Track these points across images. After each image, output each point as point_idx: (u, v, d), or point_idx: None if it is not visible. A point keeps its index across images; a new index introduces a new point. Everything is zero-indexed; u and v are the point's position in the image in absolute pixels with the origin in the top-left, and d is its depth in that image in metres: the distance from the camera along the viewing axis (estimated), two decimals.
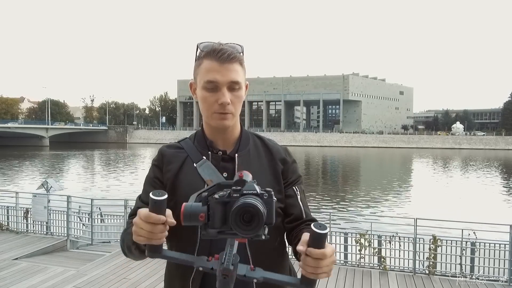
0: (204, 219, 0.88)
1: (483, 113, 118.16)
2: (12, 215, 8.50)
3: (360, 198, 18.98)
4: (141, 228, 0.93)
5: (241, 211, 0.83)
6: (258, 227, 0.83)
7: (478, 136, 78.74)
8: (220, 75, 1.17)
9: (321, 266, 0.90)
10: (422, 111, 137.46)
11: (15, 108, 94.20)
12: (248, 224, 0.83)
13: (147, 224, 0.91)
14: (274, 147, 1.35)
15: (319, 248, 0.88)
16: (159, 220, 0.91)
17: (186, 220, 0.90)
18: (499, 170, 34.92)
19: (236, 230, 0.83)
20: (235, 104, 1.22)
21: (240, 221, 0.83)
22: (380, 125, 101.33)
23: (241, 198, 0.85)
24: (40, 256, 6.87)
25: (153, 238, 0.93)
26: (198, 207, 0.89)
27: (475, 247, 5.96)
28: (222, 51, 1.17)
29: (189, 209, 0.90)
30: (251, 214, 0.83)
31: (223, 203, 0.87)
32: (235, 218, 0.83)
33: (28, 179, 24.49)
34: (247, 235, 0.84)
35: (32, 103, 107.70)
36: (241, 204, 0.83)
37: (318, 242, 0.88)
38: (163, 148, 1.34)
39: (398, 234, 6.28)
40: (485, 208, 15.64)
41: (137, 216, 0.94)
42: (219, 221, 0.87)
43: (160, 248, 0.95)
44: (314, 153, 55.79)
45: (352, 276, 5.76)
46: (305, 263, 0.92)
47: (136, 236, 0.95)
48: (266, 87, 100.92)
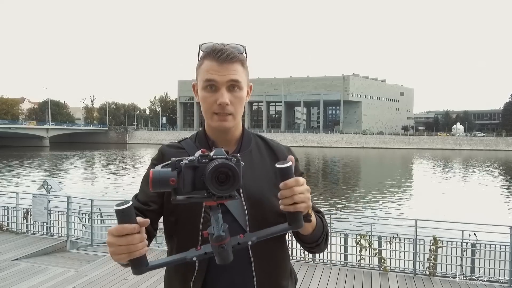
0: (175, 183, 0.87)
1: (484, 114, 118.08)
2: (12, 216, 8.49)
3: (360, 199, 18.97)
4: (118, 246, 0.89)
5: (217, 171, 0.84)
6: (233, 186, 0.85)
7: (478, 137, 78.69)
8: (218, 75, 1.16)
9: (296, 192, 0.95)
10: (422, 112, 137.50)
11: (15, 109, 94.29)
12: (223, 184, 0.85)
13: (122, 238, 0.88)
14: (277, 147, 1.34)
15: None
16: (133, 229, 0.88)
17: (155, 186, 0.87)
18: (499, 171, 34.89)
19: (211, 189, 0.84)
20: (235, 104, 1.20)
21: (216, 181, 0.84)
22: (380, 126, 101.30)
23: (210, 162, 0.87)
24: (40, 257, 6.86)
25: (134, 250, 0.89)
26: (168, 172, 0.87)
27: (475, 248, 5.95)
28: (222, 51, 1.16)
29: (157, 174, 0.87)
30: (225, 174, 0.84)
31: (193, 167, 0.87)
32: (211, 177, 0.84)
33: (28, 179, 24.49)
34: (222, 193, 0.85)
35: (33, 104, 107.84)
36: (217, 164, 0.85)
37: (286, 176, 0.94)
38: (163, 147, 1.33)
39: (398, 235, 6.27)
40: (485, 209, 15.62)
41: (108, 236, 0.90)
42: (189, 186, 0.87)
43: (144, 261, 0.91)
44: (314, 154, 55.75)
45: (353, 277, 5.75)
46: (282, 196, 0.97)
47: (116, 256, 0.90)
48: (266, 87, 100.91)
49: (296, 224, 0.98)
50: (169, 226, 1.24)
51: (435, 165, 41.66)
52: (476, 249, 5.94)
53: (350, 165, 41.73)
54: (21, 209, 8.39)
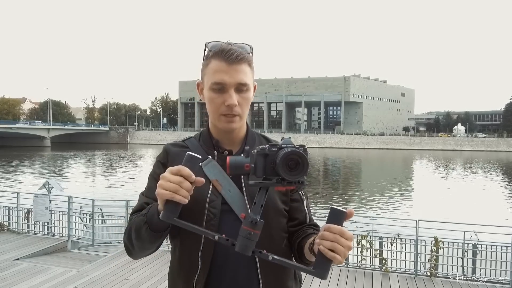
0: (249, 168, 0.95)
1: (485, 115, 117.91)
2: (13, 216, 8.50)
3: (361, 200, 18.96)
4: (168, 181, 0.94)
5: (288, 158, 0.90)
6: (303, 172, 0.90)
7: (479, 138, 78.52)
8: (228, 76, 1.15)
9: (340, 242, 0.92)
10: (423, 112, 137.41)
11: (16, 109, 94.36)
12: (294, 169, 0.90)
13: (176, 176, 0.93)
14: None
15: (338, 225, 0.94)
16: (190, 175, 0.94)
17: (232, 169, 0.96)
18: (500, 172, 34.84)
19: (283, 175, 0.90)
20: (243, 106, 1.20)
21: (287, 167, 0.90)
22: (381, 126, 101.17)
23: (280, 150, 0.93)
24: (41, 257, 6.87)
25: (179, 194, 0.94)
26: (243, 158, 0.97)
27: (476, 249, 5.94)
28: (231, 52, 1.15)
29: (234, 160, 0.97)
30: (295, 161, 0.90)
31: (264, 155, 0.94)
32: (282, 164, 0.90)
33: (29, 179, 24.52)
34: (293, 179, 0.90)
35: (34, 104, 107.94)
36: (288, 151, 0.91)
37: (337, 220, 0.94)
38: (168, 145, 1.33)
39: (399, 235, 6.26)
40: (487, 210, 15.62)
41: (166, 171, 0.95)
42: (261, 171, 0.94)
43: (177, 210, 0.97)
44: (315, 155, 55.73)
45: (354, 278, 5.75)
46: (323, 238, 0.93)
47: (161, 190, 0.95)
48: (267, 88, 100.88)
49: (322, 273, 0.94)
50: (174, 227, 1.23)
51: (436, 166, 41.60)
52: (478, 249, 5.93)
53: (351, 165, 41.70)
54: (22, 209, 8.41)
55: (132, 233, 1.13)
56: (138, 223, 1.10)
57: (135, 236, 1.12)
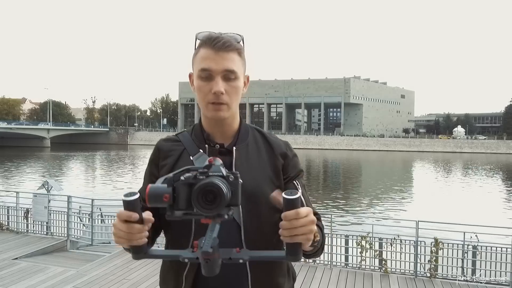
0: (168, 199, 0.87)
1: (485, 117, 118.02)
2: (12, 215, 8.48)
3: (361, 201, 18.96)
4: (119, 230, 0.93)
5: (202, 190, 0.83)
6: (219, 206, 0.83)
7: (479, 140, 78.53)
8: (214, 63, 1.14)
9: (296, 226, 0.89)
10: (423, 114, 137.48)
11: (16, 109, 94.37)
12: (211, 204, 0.83)
13: (123, 224, 0.91)
14: (275, 142, 1.31)
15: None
16: (130, 216, 0.90)
17: (150, 201, 0.88)
18: (500, 174, 34.84)
19: (197, 208, 0.84)
20: (231, 94, 1.18)
21: (202, 200, 0.83)
22: (381, 128, 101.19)
23: (205, 179, 0.86)
24: (40, 256, 6.85)
25: (133, 239, 0.92)
26: (163, 188, 0.88)
27: (477, 250, 5.93)
28: (218, 39, 1.14)
29: (154, 190, 0.88)
30: (213, 194, 0.83)
31: (189, 184, 0.86)
32: (196, 196, 0.84)
33: (28, 179, 24.51)
34: (208, 213, 0.85)
35: (34, 104, 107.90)
36: (203, 183, 0.84)
37: (290, 207, 0.90)
38: (160, 141, 1.32)
39: (399, 236, 6.25)
40: (487, 212, 15.61)
41: (116, 219, 0.94)
42: (184, 202, 0.87)
43: (144, 248, 0.94)
44: (315, 156, 55.72)
45: (353, 279, 5.74)
46: (281, 227, 0.92)
47: (117, 238, 0.94)
48: (267, 89, 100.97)
49: (294, 257, 0.93)
50: (166, 225, 1.23)
51: (436, 167, 41.62)
52: (478, 251, 5.92)
53: (351, 167, 41.70)
54: (21, 208, 8.39)
55: None
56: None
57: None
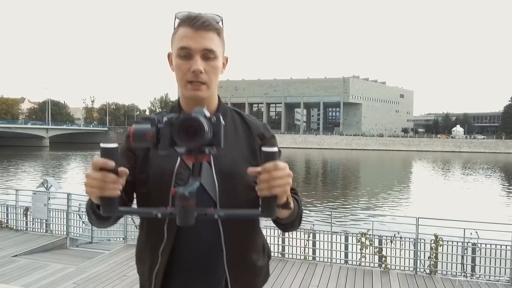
0: (152, 138, 0.88)
1: (483, 116, 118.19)
2: (11, 213, 8.46)
3: (361, 198, 18.98)
4: (92, 179, 0.91)
5: (183, 124, 0.85)
6: (200, 139, 0.85)
7: (478, 140, 78.69)
8: (193, 42, 1.14)
9: (275, 177, 0.91)
10: (422, 114, 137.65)
11: (15, 109, 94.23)
12: (191, 137, 0.85)
13: (97, 172, 0.90)
14: (253, 123, 1.32)
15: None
16: (106, 163, 0.89)
17: (135, 139, 0.90)
18: (499, 173, 34.89)
19: (178, 142, 0.86)
20: (210, 73, 1.17)
21: (183, 133, 0.85)
22: (380, 128, 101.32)
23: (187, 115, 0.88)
24: (39, 254, 6.84)
25: (106, 188, 0.90)
26: (147, 127, 0.89)
27: (477, 247, 5.93)
28: (197, 18, 1.15)
29: (138, 128, 0.90)
30: (193, 128, 0.85)
31: (171, 123, 0.88)
32: (178, 129, 0.85)
33: (27, 178, 24.47)
34: (189, 145, 0.86)
35: (33, 104, 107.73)
36: (184, 118, 0.86)
37: (269, 160, 0.92)
38: (138, 119, 1.32)
39: (399, 233, 6.25)
40: (486, 210, 15.63)
41: (90, 169, 0.93)
42: (167, 141, 0.88)
43: (115, 203, 0.93)
44: (314, 155, 55.74)
45: (354, 276, 5.73)
46: (260, 181, 0.93)
47: (89, 189, 0.92)
48: (266, 89, 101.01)
49: (269, 212, 0.94)
50: (141, 198, 1.23)
51: (435, 166, 41.65)
52: (477, 247, 5.93)
53: (351, 166, 41.69)
54: (20, 206, 8.37)
55: (86, 212, 1.15)
56: (87, 208, 1.12)
57: (88, 218, 1.14)
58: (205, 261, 1.20)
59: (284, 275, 5.65)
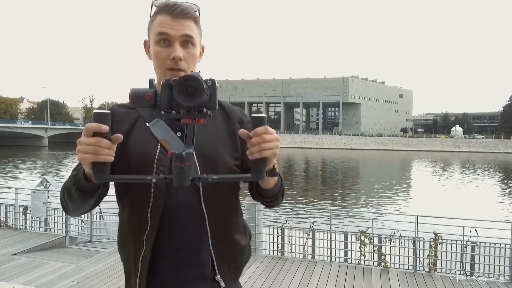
0: (150, 98, 0.91)
1: (482, 116, 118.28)
2: (10, 211, 8.45)
3: (360, 197, 19.00)
4: (85, 144, 0.90)
5: (184, 83, 0.88)
6: (199, 98, 0.88)
7: (477, 139, 78.76)
8: (172, 29, 1.15)
9: (265, 140, 0.96)
10: (421, 114, 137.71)
11: (14, 108, 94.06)
12: (191, 96, 0.88)
13: (91, 138, 0.90)
14: (231, 109, 1.34)
15: None
16: (100, 127, 0.89)
17: (134, 101, 0.92)
18: (498, 172, 34.91)
19: (179, 100, 0.87)
20: (188, 61, 1.19)
21: (184, 92, 0.87)
22: (379, 127, 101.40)
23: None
24: (38, 252, 6.83)
25: (100, 153, 0.90)
26: (145, 88, 0.92)
27: (476, 245, 5.93)
28: (176, 6, 1.16)
29: (136, 90, 0.92)
30: (193, 88, 0.87)
31: (169, 85, 0.90)
32: (178, 88, 0.87)
33: (26, 178, 24.43)
34: (189, 104, 0.88)
35: (32, 103, 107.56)
36: (185, 77, 0.88)
37: (259, 124, 0.97)
38: (113, 107, 1.31)
39: (399, 231, 6.26)
40: (486, 209, 15.66)
41: (82, 135, 0.92)
42: (165, 102, 0.91)
43: (108, 169, 0.94)
44: (314, 155, 55.75)
45: (353, 274, 5.73)
46: (251, 145, 0.97)
47: (82, 155, 0.91)
48: (265, 89, 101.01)
49: (259, 174, 0.99)
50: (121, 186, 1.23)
51: (434, 166, 41.67)
52: (477, 246, 5.93)
53: (350, 165, 41.70)
54: (20, 205, 8.36)
55: (64, 195, 1.13)
56: (68, 184, 1.10)
57: (67, 197, 1.12)
58: (191, 243, 1.21)
59: (283, 273, 5.65)
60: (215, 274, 1.24)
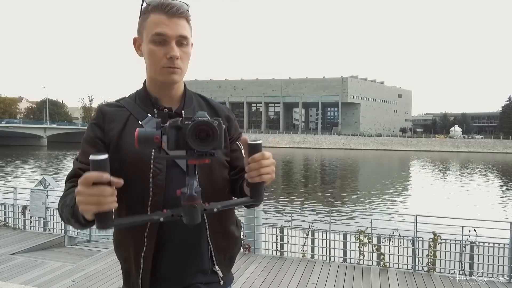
0: (159, 141, 0.91)
1: (481, 116, 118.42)
2: (9, 211, 8.44)
3: (359, 197, 18.99)
4: (88, 195, 0.85)
5: (198, 129, 0.89)
6: (214, 143, 0.89)
7: (476, 140, 78.82)
8: (169, 29, 1.16)
9: (263, 165, 1.01)
10: (420, 114, 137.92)
11: (13, 108, 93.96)
12: (204, 141, 0.89)
13: (92, 189, 0.84)
14: (218, 106, 1.38)
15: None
16: (101, 177, 0.84)
17: (140, 143, 0.91)
18: (497, 172, 34.94)
19: (193, 146, 0.89)
20: (183, 59, 1.20)
21: (197, 137, 0.89)
22: (378, 127, 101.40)
23: (193, 123, 0.91)
24: (37, 252, 6.82)
25: (104, 203, 0.86)
26: (153, 130, 0.92)
27: (475, 245, 5.94)
28: (171, 5, 1.16)
29: (143, 132, 0.92)
30: (205, 132, 0.89)
31: (177, 127, 0.91)
32: (192, 134, 0.88)
33: (25, 178, 24.39)
34: (203, 149, 0.89)
35: (31, 103, 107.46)
36: (197, 121, 0.89)
37: (255, 151, 1.01)
38: (102, 106, 1.29)
39: (398, 231, 6.26)
40: (485, 208, 15.67)
41: (79, 185, 0.86)
42: (173, 144, 0.92)
43: (110, 216, 0.89)
44: (313, 155, 55.73)
45: (352, 273, 5.73)
46: (249, 170, 1.02)
47: (84, 206, 0.86)
48: (265, 89, 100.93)
49: (258, 197, 1.04)
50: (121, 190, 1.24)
51: (433, 166, 41.69)
52: (476, 245, 5.93)
53: (349, 165, 41.68)
54: (18, 205, 8.35)
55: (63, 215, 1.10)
56: (67, 214, 1.06)
57: (66, 221, 1.09)
58: (191, 237, 1.25)
59: (283, 273, 5.65)
60: (213, 265, 1.29)
